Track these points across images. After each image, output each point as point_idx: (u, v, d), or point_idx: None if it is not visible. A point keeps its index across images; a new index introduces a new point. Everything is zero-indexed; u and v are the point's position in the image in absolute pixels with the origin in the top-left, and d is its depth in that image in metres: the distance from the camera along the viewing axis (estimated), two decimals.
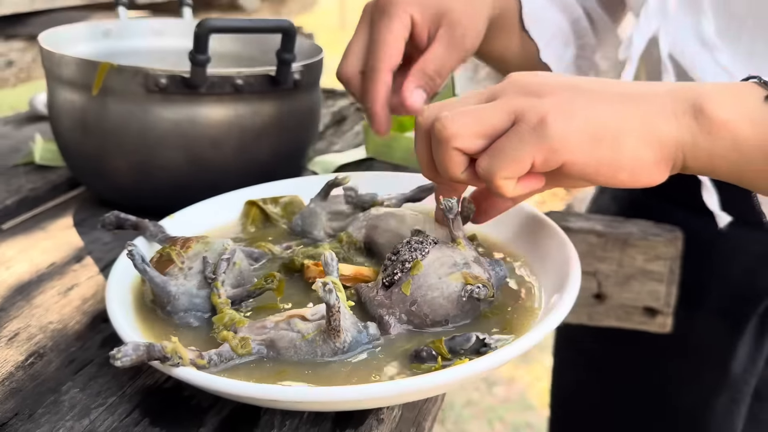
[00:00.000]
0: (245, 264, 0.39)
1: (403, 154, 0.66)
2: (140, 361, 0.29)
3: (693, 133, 0.32)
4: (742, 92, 0.32)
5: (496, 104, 0.33)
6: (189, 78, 0.47)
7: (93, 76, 0.49)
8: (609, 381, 0.70)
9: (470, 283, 0.34)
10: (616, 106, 0.32)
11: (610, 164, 0.32)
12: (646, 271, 0.59)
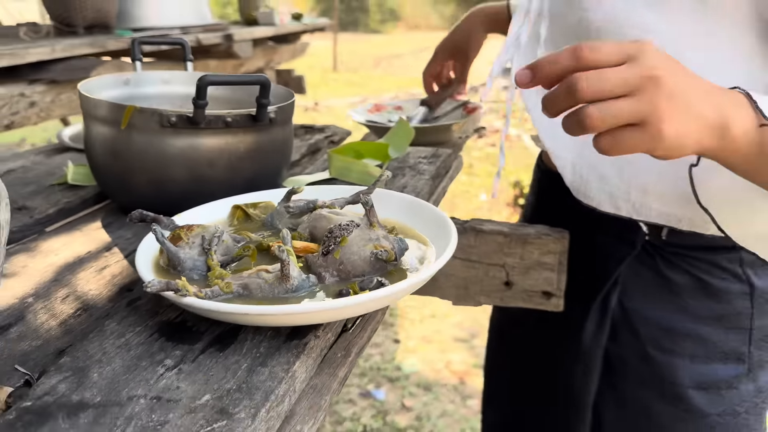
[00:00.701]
0: (230, 242, 0.57)
1: (358, 175, 0.84)
2: (162, 290, 0.46)
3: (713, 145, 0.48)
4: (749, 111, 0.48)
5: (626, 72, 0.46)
6: (192, 117, 0.66)
7: (121, 115, 0.68)
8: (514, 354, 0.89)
9: (376, 250, 0.52)
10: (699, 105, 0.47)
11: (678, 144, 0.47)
12: (541, 262, 0.77)
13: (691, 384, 0.72)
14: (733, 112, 0.48)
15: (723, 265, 0.70)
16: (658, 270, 0.72)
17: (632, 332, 0.73)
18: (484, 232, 0.78)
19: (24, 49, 1.41)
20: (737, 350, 0.72)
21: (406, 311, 2.90)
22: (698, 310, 0.72)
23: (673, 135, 0.46)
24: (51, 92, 1.50)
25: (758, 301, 0.72)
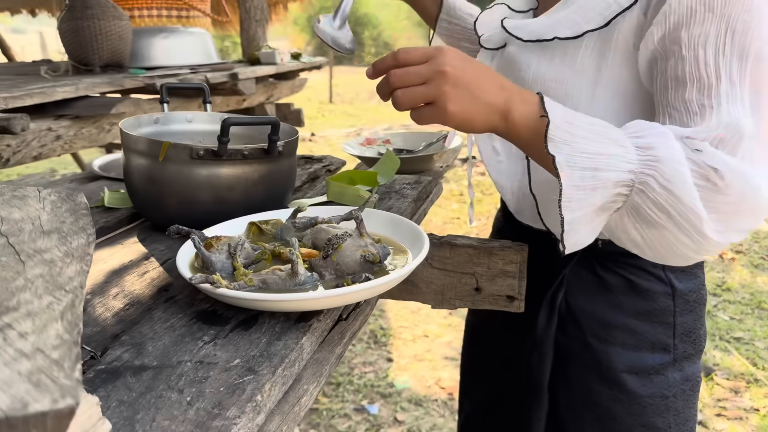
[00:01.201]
0: (249, 249, 0.72)
1: (351, 198, 0.99)
2: (202, 282, 0.61)
3: (497, 123, 0.66)
4: (535, 106, 0.66)
5: (424, 69, 0.65)
6: (217, 150, 0.81)
7: (157, 149, 0.83)
8: (483, 348, 1.04)
9: (365, 254, 0.67)
10: (485, 96, 0.66)
11: (464, 119, 0.65)
12: (505, 271, 0.92)
13: (624, 369, 0.85)
14: (518, 103, 0.66)
15: (648, 269, 0.85)
16: (596, 272, 0.86)
17: (576, 324, 0.87)
18: (458, 245, 0.93)
19: (51, 89, 1.57)
20: (663, 342, 0.86)
21: (399, 332, 3.03)
22: (628, 306, 0.86)
23: (458, 112, 0.65)
24: (74, 127, 1.65)
25: (679, 300, 0.86)
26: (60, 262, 0.45)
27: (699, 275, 0.89)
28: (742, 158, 0.64)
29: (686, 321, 0.87)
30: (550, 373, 0.90)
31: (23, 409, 0.32)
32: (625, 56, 0.75)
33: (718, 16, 0.66)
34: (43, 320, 0.39)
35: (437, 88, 0.65)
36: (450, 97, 0.64)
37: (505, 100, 0.66)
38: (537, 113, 0.66)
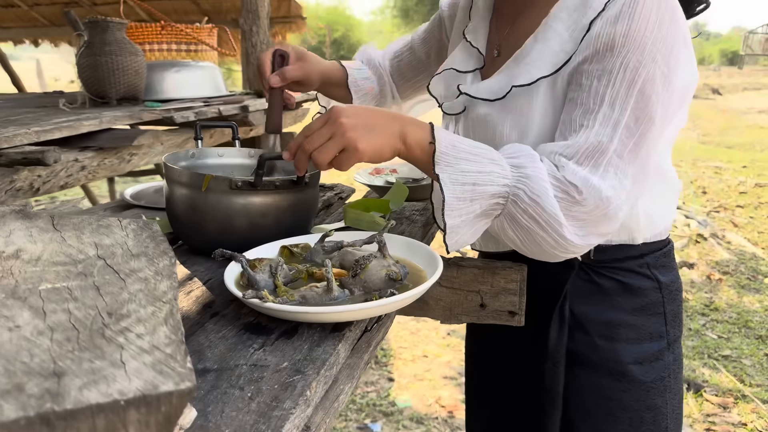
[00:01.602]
0: (286, 269, 0.82)
1: (367, 224, 1.10)
2: (253, 297, 0.71)
3: (398, 146, 0.79)
4: (427, 133, 0.79)
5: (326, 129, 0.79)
6: (253, 182, 0.92)
7: (200, 181, 0.94)
8: (491, 361, 1.14)
9: (389, 273, 0.77)
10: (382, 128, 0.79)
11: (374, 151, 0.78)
12: (506, 288, 1.02)
13: (630, 360, 0.96)
14: (412, 130, 0.80)
15: (635, 270, 0.97)
16: (593, 280, 0.98)
17: (582, 329, 0.98)
18: (464, 266, 1.03)
19: (77, 122, 1.68)
20: (659, 330, 0.98)
21: (400, 352, 3.11)
22: (626, 305, 0.97)
23: (367, 147, 0.78)
24: (98, 157, 1.76)
25: (665, 291, 0.99)
26: (153, 280, 0.56)
27: (674, 267, 1.03)
28: (605, 171, 0.78)
29: (672, 308, 1.00)
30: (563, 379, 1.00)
31: (155, 390, 0.42)
32: (565, 95, 0.87)
33: (616, 55, 0.80)
34: (152, 324, 0.49)
35: (342, 136, 0.78)
36: (355, 139, 0.78)
37: (400, 126, 0.81)
38: (428, 139, 0.80)
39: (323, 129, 0.79)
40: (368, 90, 1.28)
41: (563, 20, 0.86)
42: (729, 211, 5.74)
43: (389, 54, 1.34)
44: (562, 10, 0.86)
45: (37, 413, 0.38)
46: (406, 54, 1.31)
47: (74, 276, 0.54)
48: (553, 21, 0.87)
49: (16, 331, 0.46)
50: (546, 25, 0.88)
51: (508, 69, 0.93)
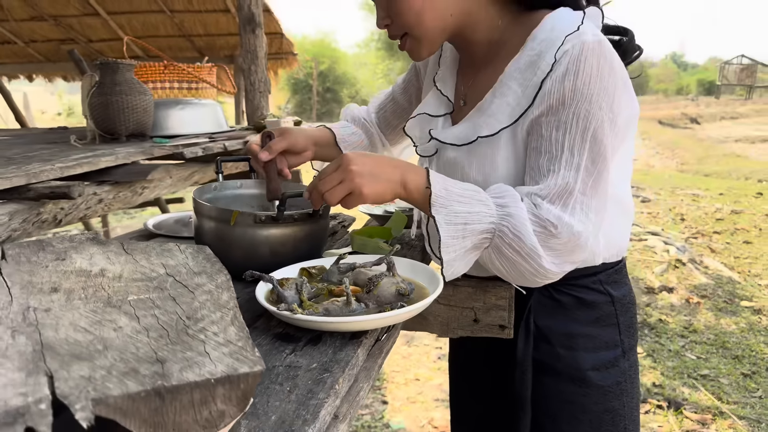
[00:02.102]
0: (309, 287, 0.95)
1: (372, 249, 1.24)
2: (286, 309, 0.84)
3: (399, 191, 0.93)
4: (423, 178, 0.93)
5: (337, 174, 0.92)
6: (275, 216, 1.05)
7: (228, 215, 1.07)
8: (469, 372, 1.28)
9: (399, 288, 0.91)
10: (385, 175, 0.93)
11: (377, 195, 0.92)
12: (497, 305, 1.16)
13: (589, 367, 1.09)
14: (411, 176, 0.94)
15: (590, 286, 1.11)
16: (553, 296, 1.11)
17: (546, 341, 1.11)
18: (459, 285, 1.17)
19: (96, 158, 1.81)
20: (613, 339, 1.11)
21: (393, 376, 3.22)
22: (583, 317, 1.10)
23: (371, 192, 0.91)
24: (113, 191, 1.88)
25: (618, 304, 1.12)
26: (215, 292, 0.69)
27: (626, 282, 1.17)
28: (573, 209, 0.92)
29: (625, 319, 1.13)
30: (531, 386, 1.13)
31: (235, 372, 0.55)
32: (526, 144, 1.01)
33: (568, 107, 0.93)
34: (223, 325, 0.63)
35: (350, 182, 0.91)
36: (361, 185, 0.91)
37: (401, 173, 0.94)
38: (425, 184, 0.94)
39: (335, 174, 0.93)
40: (358, 143, 1.44)
41: (516, 78, 0.99)
42: (706, 237, 5.94)
43: (374, 108, 1.50)
44: (515, 70, 1.00)
45: (153, 388, 0.51)
46: (390, 104, 1.47)
47: (153, 289, 0.68)
48: (508, 79, 1.00)
49: (120, 331, 0.59)
50: (502, 82, 1.01)
51: (472, 119, 1.06)
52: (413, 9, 1.00)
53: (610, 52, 0.95)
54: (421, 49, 1.07)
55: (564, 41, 0.94)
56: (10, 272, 0.67)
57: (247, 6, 2.92)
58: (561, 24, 0.97)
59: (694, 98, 39.89)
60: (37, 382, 0.49)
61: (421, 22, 1.02)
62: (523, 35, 1.02)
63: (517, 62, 1.01)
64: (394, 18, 1.04)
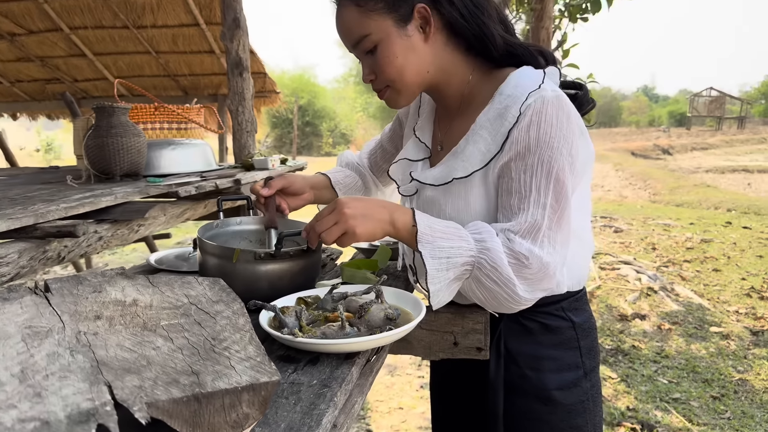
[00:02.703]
0: (306, 314, 1.07)
1: (361, 279, 1.36)
2: (289, 334, 0.96)
3: (389, 230, 1.06)
4: (410, 217, 1.06)
5: (332, 216, 1.06)
6: (273, 253, 1.18)
7: (230, 253, 1.19)
8: (448, 393, 1.40)
9: (387, 314, 1.04)
10: (375, 216, 1.06)
11: (369, 235, 1.05)
12: (474, 329, 1.28)
13: (554, 387, 1.21)
14: (398, 216, 1.07)
15: (553, 312, 1.23)
16: (520, 322, 1.23)
17: (515, 363, 1.22)
18: (439, 311, 1.29)
19: (98, 198, 1.92)
20: (575, 362, 1.23)
21: (377, 405, 3.31)
22: (547, 341, 1.23)
23: (363, 232, 1.04)
24: (112, 229, 1.99)
25: (579, 329, 1.25)
26: (233, 317, 0.81)
27: (587, 309, 1.29)
28: (542, 242, 1.05)
29: (586, 343, 1.26)
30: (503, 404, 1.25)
31: (258, 381, 0.67)
32: (496, 185, 1.15)
33: (533, 153, 1.07)
34: (243, 344, 0.75)
35: (344, 223, 1.04)
36: (354, 225, 1.04)
37: (390, 213, 1.08)
38: (411, 222, 1.07)
39: (330, 216, 1.06)
40: (352, 185, 1.60)
41: (486, 128, 1.14)
42: (677, 266, 6.15)
43: (366, 153, 1.66)
44: (485, 120, 1.14)
45: (192, 394, 0.63)
46: (379, 151, 1.63)
47: (180, 316, 0.79)
48: (479, 128, 1.15)
49: (158, 350, 0.71)
50: (474, 131, 1.16)
51: (448, 162, 1.20)
52: (395, 66, 1.15)
53: (567, 105, 1.10)
54: (399, 99, 1.22)
55: (527, 97, 1.09)
56: (58, 303, 0.79)
57: (234, 51, 3.08)
58: (524, 81, 1.12)
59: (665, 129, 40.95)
60: (99, 390, 0.61)
61: (401, 78, 1.17)
62: (492, 89, 1.18)
63: (486, 113, 1.15)
64: (378, 74, 1.18)
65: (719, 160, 21.62)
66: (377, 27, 1.13)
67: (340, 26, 1.19)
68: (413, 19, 1.14)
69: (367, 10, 1.13)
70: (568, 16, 4.20)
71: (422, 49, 1.16)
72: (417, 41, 1.15)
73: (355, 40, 1.17)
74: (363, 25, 1.14)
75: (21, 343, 0.68)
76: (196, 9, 5.22)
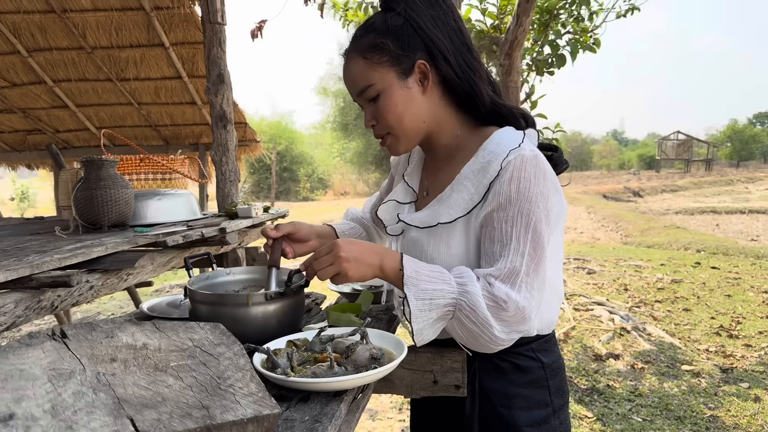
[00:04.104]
0: (297, 355, 1.16)
1: (344, 323, 1.45)
2: (284, 374, 1.05)
3: (378, 273, 1.17)
4: (398, 262, 1.17)
5: (328, 257, 1.18)
6: (283, 292, 1.27)
7: (243, 299, 1.28)
8: (428, 429, 1.48)
9: (372, 353, 1.13)
10: (366, 260, 1.17)
11: (360, 276, 1.16)
12: (452, 368, 1.38)
13: (525, 424, 1.29)
14: (387, 261, 1.18)
15: (524, 353, 1.32)
16: (493, 361, 1.32)
17: (488, 400, 1.30)
18: (420, 351, 1.39)
19: (89, 249, 1.99)
20: (544, 400, 1.32)
21: None
22: (518, 380, 1.31)
23: (355, 274, 1.16)
24: (103, 278, 2.06)
25: (548, 369, 1.33)
26: (234, 358, 0.90)
27: (555, 350, 1.39)
28: (519, 287, 1.15)
29: (555, 383, 1.35)
30: None
31: (261, 413, 0.76)
32: (477, 231, 1.27)
33: (513, 205, 1.18)
34: (245, 382, 0.84)
35: (339, 265, 1.16)
36: (347, 268, 1.16)
37: (380, 258, 1.19)
38: (399, 266, 1.18)
39: (327, 257, 1.17)
40: (357, 234, 1.73)
41: (470, 179, 1.26)
42: (649, 306, 6.31)
43: (368, 207, 1.81)
44: (469, 172, 1.26)
45: (204, 425, 0.72)
46: (379, 204, 1.73)
47: (187, 357, 0.88)
48: (464, 179, 1.27)
49: (170, 388, 0.79)
50: (459, 181, 1.28)
51: (433, 207, 1.32)
52: (395, 114, 1.28)
53: (543, 164, 1.22)
54: (399, 145, 1.34)
55: (508, 154, 1.21)
56: (76, 347, 0.87)
57: (219, 105, 3.20)
58: (506, 139, 1.25)
59: (635, 172, 41.97)
60: (123, 424, 0.69)
61: (400, 124, 1.29)
62: (476, 144, 1.31)
63: (471, 166, 1.28)
64: (379, 120, 1.31)
65: (688, 202, 22.21)
66: (381, 78, 1.26)
67: (347, 76, 1.31)
68: (413, 73, 1.27)
69: (372, 63, 1.26)
70: (536, 70, 4.44)
71: (420, 100, 1.29)
72: (416, 93, 1.28)
73: (360, 89, 1.28)
74: (368, 76, 1.27)
75: (48, 383, 0.76)
76: (179, 63, 5.37)
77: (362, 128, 30.94)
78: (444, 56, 1.27)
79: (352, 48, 1.30)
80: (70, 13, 5.00)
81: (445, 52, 1.27)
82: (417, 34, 1.26)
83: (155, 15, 4.99)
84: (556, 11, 4.33)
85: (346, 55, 1.32)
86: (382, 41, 1.25)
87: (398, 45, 1.25)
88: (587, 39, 4.39)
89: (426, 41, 1.26)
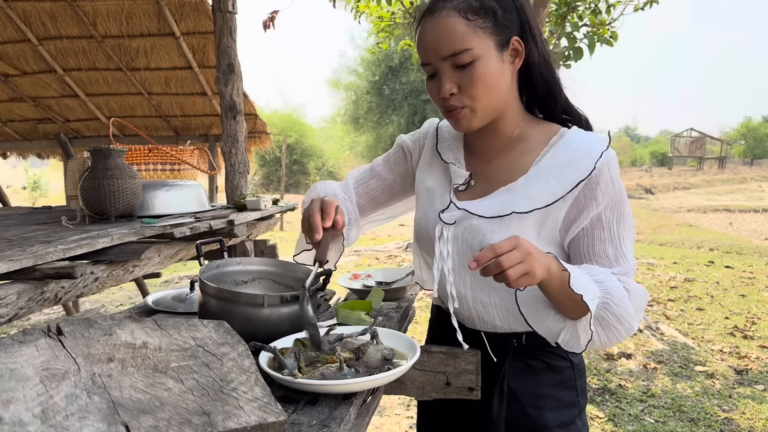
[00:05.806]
0: (305, 355, 1.11)
1: (355, 321, 1.40)
2: (291, 375, 1.00)
3: (546, 274, 1.07)
4: (557, 263, 1.08)
5: (517, 253, 1.02)
6: (296, 295, 1.22)
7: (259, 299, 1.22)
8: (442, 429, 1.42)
9: (384, 354, 1.08)
10: (543, 260, 1.07)
11: (539, 277, 1.06)
12: (466, 369, 1.32)
13: (554, 425, 1.25)
14: (552, 263, 1.09)
15: (555, 352, 1.28)
16: (524, 360, 1.28)
17: (516, 401, 1.27)
18: (433, 352, 1.33)
19: (95, 240, 1.95)
20: (573, 400, 1.28)
21: None
22: (548, 380, 1.27)
23: (540, 275, 1.04)
24: (108, 270, 2.02)
25: (576, 369, 1.30)
26: (238, 359, 0.85)
27: None
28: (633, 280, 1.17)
29: (581, 383, 1.31)
30: None
31: (265, 421, 0.71)
32: (554, 224, 1.22)
33: (618, 205, 1.20)
34: (249, 386, 0.79)
35: (529, 264, 1.01)
36: (536, 267, 1.03)
37: (548, 260, 1.08)
38: (559, 268, 1.09)
39: (515, 253, 1.01)
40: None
41: (553, 173, 1.20)
42: (661, 305, 6.22)
43: (353, 182, 1.55)
44: (551, 166, 1.21)
45: None
46: (373, 180, 1.54)
47: (188, 358, 0.83)
48: (544, 171, 1.21)
49: (170, 391, 0.74)
50: (537, 173, 1.22)
51: (501, 196, 1.24)
52: (486, 85, 1.18)
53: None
54: (473, 120, 1.23)
55: (601, 155, 1.19)
56: (72, 345, 0.82)
57: (229, 95, 3.15)
58: (590, 140, 1.23)
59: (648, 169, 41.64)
60: (117, 431, 0.64)
61: (487, 97, 1.19)
62: (542, 138, 1.27)
63: (551, 159, 1.23)
64: (464, 89, 1.19)
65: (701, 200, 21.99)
66: (480, 44, 1.16)
67: (435, 34, 1.17)
68: (509, 48, 1.21)
69: (475, 26, 1.16)
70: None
71: (508, 78, 1.22)
72: (507, 69, 1.21)
73: (454, 51, 1.16)
74: (467, 39, 1.15)
75: (40, 384, 0.72)
76: (190, 53, 5.33)
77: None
78: (534, 39, 1.22)
79: (448, 4, 1.17)
80: (81, 2, 4.97)
81: (536, 36, 1.23)
82: (515, 9, 1.20)
83: (166, 4, 4.94)
84: (574, 3, 4.24)
85: (432, 10, 1.18)
86: (490, 5, 1.17)
87: (503, 14, 1.18)
88: (605, 32, 4.30)
89: (522, 19, 1.21)
